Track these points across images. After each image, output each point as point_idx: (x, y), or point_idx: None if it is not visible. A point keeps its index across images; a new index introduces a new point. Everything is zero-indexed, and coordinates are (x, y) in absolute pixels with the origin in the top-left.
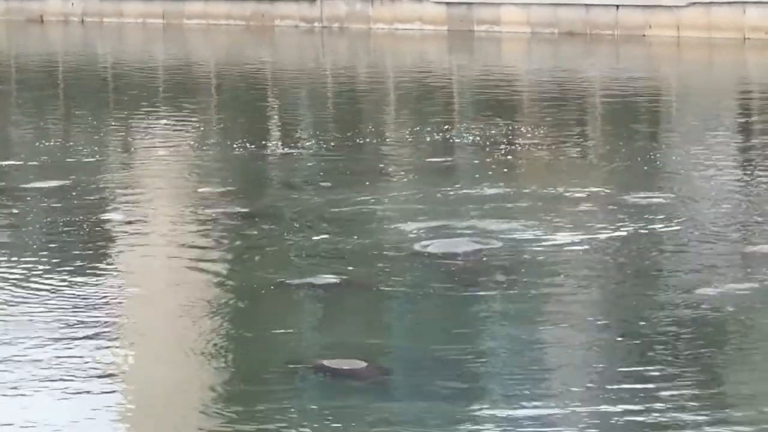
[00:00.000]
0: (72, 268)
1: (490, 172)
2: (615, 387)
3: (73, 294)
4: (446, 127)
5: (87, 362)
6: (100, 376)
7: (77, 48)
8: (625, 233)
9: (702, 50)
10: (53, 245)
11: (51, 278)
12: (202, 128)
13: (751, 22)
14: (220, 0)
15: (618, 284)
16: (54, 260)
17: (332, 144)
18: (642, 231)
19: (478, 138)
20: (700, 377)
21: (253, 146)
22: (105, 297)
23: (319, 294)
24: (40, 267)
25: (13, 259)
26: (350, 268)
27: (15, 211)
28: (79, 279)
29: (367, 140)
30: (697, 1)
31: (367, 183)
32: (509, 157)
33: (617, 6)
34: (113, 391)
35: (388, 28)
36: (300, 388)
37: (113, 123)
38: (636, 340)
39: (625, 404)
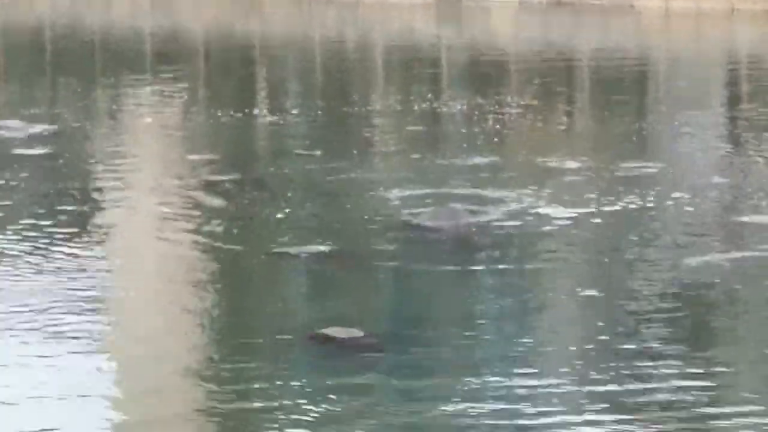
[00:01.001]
0: (59, 236)
1: (479, 142)
2: (608, 361)
3: (59, 263)
4: (435, 96)
5: (73, 333)
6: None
7: (64, 17)
8: (615, 204)
9: (690, 21)
10: (40, 213)
11: (38, 246)
12: (190, 97)
13: None
14: None
15: (609, 255)
16: (41, 228)
17: (321, 113)
18: (633, 201)
19: (466, 108)
20: (693, 349)
21: (241, 115)
22: (91, 266)
23: (309, 264)
24: (27, 234)
25: None
26: (340, 237)
27: (0, 178)
28: (65, 248)
29: (356, 109)
30: None
31: (356, 152)
32: (498, 126)
33: None
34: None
35: None
36: (297, 356)
37: (101, 91)
38: (628, 312)
39: (617, 378)
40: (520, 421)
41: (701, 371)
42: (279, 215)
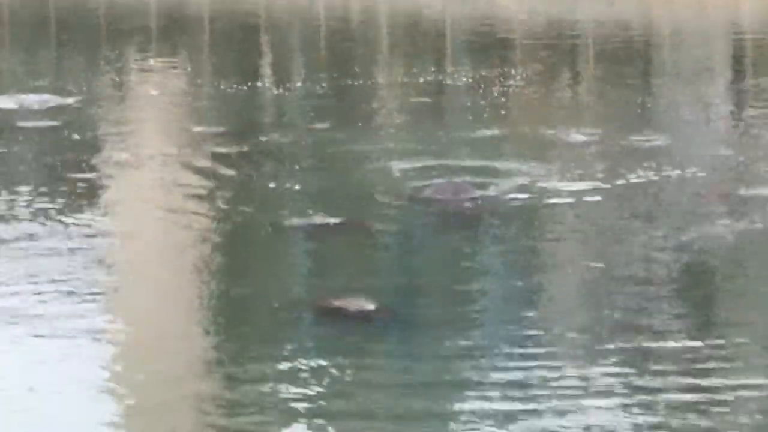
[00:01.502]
0: (64, 206)
1: (485, 115)
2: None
3: (66, 233)
4: (440, 69)
5: (80, 300)
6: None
7: None
8: (622, 176)
9: None
10: (46, 184)
11: (45, 216)
12: (195, 69)
13: None
14: None
15: (615, 228)
16: (47, 199)
17: (326, 85)
18: (639, 174)
19: (471, 81)
20: (700, 326)
21: (246, 87)
22: (98, 237)
23: (316, 235)
24: (35, 205)
25: (3, 198)
26: (347, 209)
27: (7, 150)
28: (71, 218)
29: (361, 82)
30: None
31: (361, 124)
32: (503, 99)
33: None
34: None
35: None
36: (307, 329)
37: (107, 64)
38: (634, 286)
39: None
40: (528, 402)
41: (709, 348)
42: (285, 187)
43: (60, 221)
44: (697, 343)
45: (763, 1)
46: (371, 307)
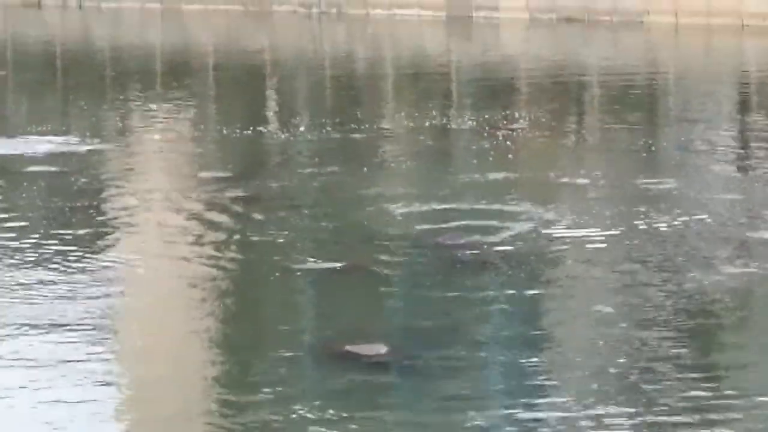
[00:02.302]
0: (71, 252)
1: (490, 158)
2: (622, 383)
3: (72, 279)
4: (445, 112)
5: (85, 345)
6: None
7: (75, 33)
8: (628, 220)
9: (700, 36)
10: (53, 231)
11: (51, 262)
12: (200, 112)
13: (750, 8)
14: None
15: (622, 273)
16: (53, 244)
17: (330, 129)
18: (645, 218)
19: (477, 123)
20: (706, 372)
21: (252, 131)
22: (104, 281)
23: (323, 279)
24: (40, 250)
25: (10, 244)
26: (354, 253)
27: (13, 195)
28: (77, 263)
29: (366, 125)
30: None
31: (366, 168)
32: (509, 142)
33: None
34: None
35: (386, 14)
36: (321, 374)
37: (112, 108)
38: (641, 331)
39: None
40: None
41: (716, 395)
42: (291, 231)
43: (65, 267)
44: (705, 393)
45: None
46: (382, 351)
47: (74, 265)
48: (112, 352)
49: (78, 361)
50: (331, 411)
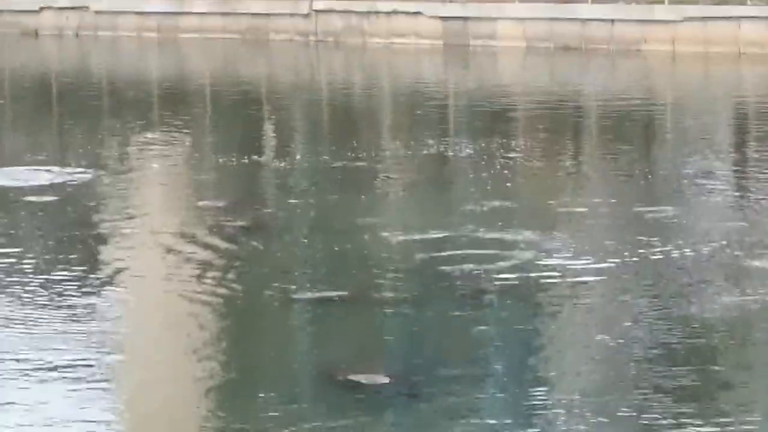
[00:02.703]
0: (69, 283)
1: (488, 187)
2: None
3: (70, 309)
4: (443, 141)
5: (86, 378)
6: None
7: (72, 62)
8: (627, 248)
9: (697, 64)
10: (50, 260)
11: (50, 293)
12: (198, 142)
13: (747, 36)
14: (215, 14)
15: (621, 301)
16: (52, 275)
17: (328, 158)
18: (643, 245)
19: (475, 152)
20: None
21: (248, 160)
22: (102, 312)
23: (323, 308)
24: (39, 280)
25: (9, 273)
26: (353, 282)
27: (11, 224)
28: (76, 294)
29: (364, 153)
30: (693, 16)
31: (364, 197)
32: (507, 171)
33: (612, 20)
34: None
35: (383, 42)
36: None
37: (108, 137)
38: (641, 363)
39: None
40: None
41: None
42: (290, 259)
43: (64, 297)
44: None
45: (766, 67)
46: (383, 381)
47: (71, 295)
48: (107, 385)
49: (73, 388)
50: None
